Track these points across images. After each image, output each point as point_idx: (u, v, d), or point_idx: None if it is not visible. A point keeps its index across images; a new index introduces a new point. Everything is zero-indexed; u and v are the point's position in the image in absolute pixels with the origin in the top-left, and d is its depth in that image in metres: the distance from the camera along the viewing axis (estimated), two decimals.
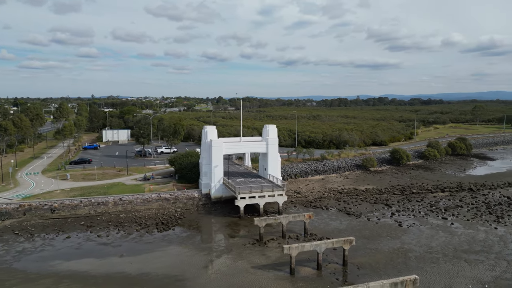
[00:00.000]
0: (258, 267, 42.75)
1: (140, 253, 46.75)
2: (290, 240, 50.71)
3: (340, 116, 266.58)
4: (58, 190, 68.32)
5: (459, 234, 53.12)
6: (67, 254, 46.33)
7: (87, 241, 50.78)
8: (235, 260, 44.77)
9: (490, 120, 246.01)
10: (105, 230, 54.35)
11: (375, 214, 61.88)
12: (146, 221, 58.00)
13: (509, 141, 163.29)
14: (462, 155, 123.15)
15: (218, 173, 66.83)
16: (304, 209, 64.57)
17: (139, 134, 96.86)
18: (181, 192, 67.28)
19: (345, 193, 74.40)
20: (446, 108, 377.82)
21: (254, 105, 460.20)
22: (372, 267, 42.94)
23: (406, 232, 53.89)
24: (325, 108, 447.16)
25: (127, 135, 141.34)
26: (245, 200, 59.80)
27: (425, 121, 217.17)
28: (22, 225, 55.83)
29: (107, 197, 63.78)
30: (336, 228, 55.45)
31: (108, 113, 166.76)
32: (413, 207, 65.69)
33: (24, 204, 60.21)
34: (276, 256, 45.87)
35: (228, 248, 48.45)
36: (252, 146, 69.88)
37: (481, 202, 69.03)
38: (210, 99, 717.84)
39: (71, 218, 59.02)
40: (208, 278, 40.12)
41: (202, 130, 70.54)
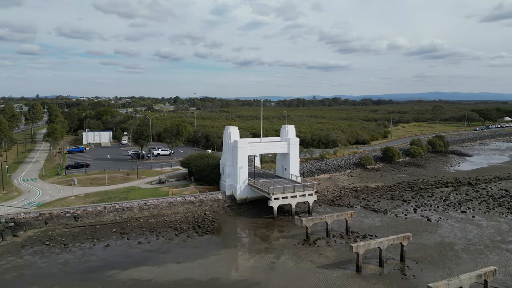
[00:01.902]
0: (323, 267, 43.11)
1: (195, 258, 45.38)
2: (336, 239, 51.53)
3: (309, 116, 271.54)
4: (72, 197, 64.27)
5: (485, 226, 56.73)
6: (118, 263, 43.93)
7: (130, 248, 48.42)
8: (296, 261, 44.79)
9: (447, 119, 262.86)
10: (143, 237, 52.09)
11: (399, 210, 64.38)
12: (180, 225, 56.26)
13: (473, 138, 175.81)
14: (441, 152, 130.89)
15: (243, 174, 66.20)
16: (330, 208, 65.74)
17: (137, 135, 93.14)
18: (205, 195, 65.88)
19: (359, 191, 76.60)
20: (400, 107, 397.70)
21: (215, 105, 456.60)
22: (428, 261, 44.79)
23: (438, 226, 56.66)
24: (288, 108, 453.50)
25: (109, 137, 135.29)
26: (278, 201, 59.81)
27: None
28: (49, 235, 52.02)
29: (132, 202, 61.01)
30: (372, 225, 57.08)
31: (85, 114, 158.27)
32: (429, 202, 69.07)
33: (44, 213, 56.08)
34: (333, 254, 46.45)
35: (280, 249, 48.29)
36: (274, 146, 69.91)
37: (485, 195, 74.01)
38: (166, 99, 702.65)
39: (98, 225, 55.84)
40: (283, 280, 39.86)
41: (224, 131, 69.46)
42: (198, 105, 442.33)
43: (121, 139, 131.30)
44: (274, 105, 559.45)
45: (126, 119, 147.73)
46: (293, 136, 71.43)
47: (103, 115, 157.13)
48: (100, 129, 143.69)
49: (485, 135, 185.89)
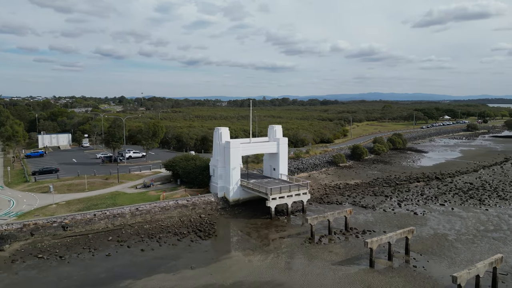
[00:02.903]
0: (337, 263, 44.03)
1: (208, 263, 44.26)
2: (339, 236, 52.82)
3: (266, 116, 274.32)
4: (53, 205, 59.67)
5: (466, 217, 61.13)
6: (128, 273, 41.64)
7: (134, 256, 46.09)
8: (309, 259, 45.30)
9: (395, 118, 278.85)
10: (143, 244, 49.80)
11: (385, 206, 67.37)
12: (178, 230, 54.51)
13: (422, 136, 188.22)
14: (400, 149, 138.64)
15: (236, 175, 65.60)
16: (321, 206, 67.17)
17: (109, 137, 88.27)
18: (197, 198, 64.34)
19: (342, 188, 79.03)
20: (348, 107, 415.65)
21: (166, 105, 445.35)
22: (430, 252, 47.41)
23: (426, 219, 60.10)
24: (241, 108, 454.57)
25: (68, 140, 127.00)
26: (276, 201, 60.04)
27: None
28: (38, 247, 47.95)
29: (123, 208, 57.97)
30: (367, 221, 59.19)
31: (37, 115, 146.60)
32: (409, 197, 72.99)
33: (29, 223, 51.53)
34: (342, 251, 47.60)
35: (289, 248, 48.54)
36: (264, 146, 69.93)
37: (454, 188, 79.68)
38: (110, 99, 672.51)
39: (91, 234, 52.42)
40: (305, 279, 40.14)
41: (215, 132, 68.23)
42: (148, 105, 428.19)
43: (82, 142, 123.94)
44: (225, 105, 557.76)
45: (85, 120, 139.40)
46: (282, 136, 72.04)
47: (57, 116, 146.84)
48: (56, 131, 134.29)
49: (432, 133, 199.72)
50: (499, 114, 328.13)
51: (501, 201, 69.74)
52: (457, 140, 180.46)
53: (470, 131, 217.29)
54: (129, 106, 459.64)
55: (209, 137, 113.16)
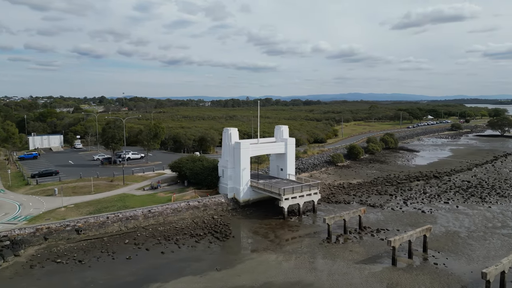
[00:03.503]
0: (360, 262, 44.59)
1: (232, 265, 44.12)
2: (354, 235, 53.46)
3: (254, 116, 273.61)
4: (62, 208, 58.25)
5: (472, 214, 62.84)
6: (155, 276, 41.11)
7: (156, 259, 45.49)
8: (332, 258, 45.68)
9: (380, 118, 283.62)
10: (162, 246, 49.20)
11: (392, 204, 68.53)
12: (194, 231, 54.08)
13: (410, 135, 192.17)
14: (393, 148, 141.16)
15: (246, 176, 65.52)
16: (330, 206, 67.80)
17: (109, 139, 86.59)
18: (208, 199, 63.97)
19: (347, 188, 79.96)
20: (332, 108, 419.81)
21: (149, 106, 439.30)
22: (447, 250, 48.54)
23: (434, 217, 61.48)
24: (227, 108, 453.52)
25: (60, 141, 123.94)
26: (288, 201, 60.29)
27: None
28: (54, 252, 46.76)
29: (135, 210, 57.11)
30: (378, 220, 60.09)
31: (27, 116, 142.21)
32: (412, 195, 74.47)
33: (42, 228, 50.18)
34: (362, 250, 48.18)
35: (309, 248, 48.81)
36: (273, 147, 70.05)
37: (454, 187, 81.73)
38: (89, 99, 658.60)
39: (106, 238, 51.45)
40: (332, 279, 40.49)
41: (224, 133, 67.93)
42: (130, 106, 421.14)
43: (74, 143, 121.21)
44: (209, 105, 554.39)
45: (76, 121, 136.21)
46: (289, 137, 72.36)
47: (47, 117, 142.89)
48: (46, 132, 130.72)
49: (419, 132, 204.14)
50: (479, 114, 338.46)
51: (501, 199, 71.96)
52: (444, 139, 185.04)
53: (454, 131, 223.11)
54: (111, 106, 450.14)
55: (207, 137, 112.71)
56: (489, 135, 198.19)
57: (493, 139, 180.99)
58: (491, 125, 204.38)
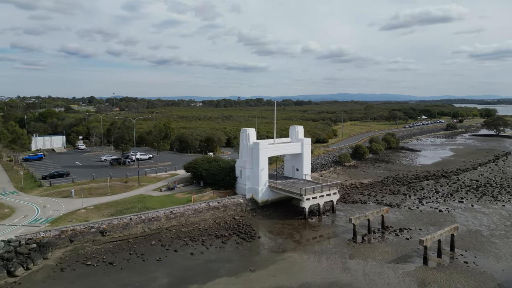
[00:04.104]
0: (392, 262, 44.80)
1: (265, 265, 43.96)
2: (378, 234, 53.75)
3: (250, 116, 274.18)
4: (82, 210, 57.40)
5: (489, 213, 63.68)
6: (191, 277, 40.76)
7: (187, 260, 45.14)
8: (363, 258, 45.82)
9: (375, 118, 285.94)
10: (189, 247, 48.80)
11: (408, 204, 69.03)
12: (218, 232, 53.80)
13: (408, 135, 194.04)
14: (394, 148, 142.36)
15: (264, 176, 65.42)
16: (347, 206, 68.02)
17: (118, 139, 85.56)
18: (227, 199, 63.70)
19: (360, 188, 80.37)
20: (325, 108, 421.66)
21: (141, 106, 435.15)
22: (472, 248, 49.08)
23: (452, 216, 62.14)
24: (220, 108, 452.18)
25: (62, 142, 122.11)
26: (309, 201, 60.35)
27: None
28: (82, 254, 46.05)
29: (158, 211, 56.55)
30: (398, 219, 60.47)
31: (27, 116, 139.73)
32: (426, 195, 75.16)
33: (67, 230, 49.36)
34: (390, 250, 48.41)
35: (338, 248, 48.89)
36: (289, 147, 70.03)
37: (464, 186, 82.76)
38: (78, 99, 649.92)
39: (131, 239, 50.84)
40: (368, 279, 40.58)
41: (241, 133, 67.66)
42: (122, 106, 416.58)
43: (78, 144, 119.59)
44: (201, 105, 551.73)
45: (77, 122, 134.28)
46: (302, 136, 72.46)
47: (47, 117, 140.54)
48: (47, 133, 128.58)
49: (416, 132, 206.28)
50: (471, 114, 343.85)
51: None
52: (442, 139, 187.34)
53: (450, 130, 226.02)
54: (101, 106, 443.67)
55: (213, 138, 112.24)
56: (485, 135, 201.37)
57: (489, 139, 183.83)
58: (487, 124, 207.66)
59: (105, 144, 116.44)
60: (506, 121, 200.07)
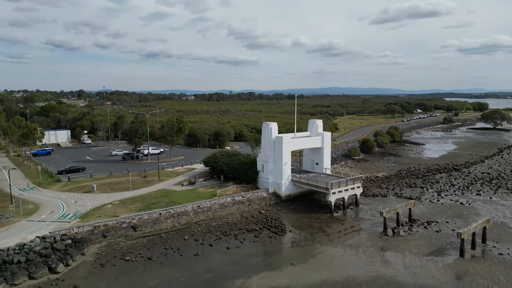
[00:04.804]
0: (429, 254, 45.16)
1: (304, 259, 44.02)
2: (408, 227, 54.17)
3: (248, 110, 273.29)
4: (109, 205, 56.68)
5: (509, 205, 64.67)
6: (233, 272, 40.63)
7: (224, 255, 44.96)
8: (400, 251, 46.12)
9: (371, 112, 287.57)
10: (223, 241, 48.59)
11: (427, 197, 69.65)
12: (249, 226, 53.66)
13: (408, 129, 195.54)
14: (398, 141, 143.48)
15: (287, 170, 65.38)
16: (369, 199, 68.31)
17: (132, 134, 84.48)
18: (251, 193, 63.53)
19: (376, 181, 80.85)
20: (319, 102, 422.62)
21: (133, 99, 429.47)
22: (503, 240, 49.77)
23: (474, 208, 62.94)
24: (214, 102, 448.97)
25: (67, 136, 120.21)
26: (335, 195, 60.51)
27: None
28: (118, 250, 45.53)
29: (186, 206, 56.15)
30: (423, 212, 60.98)
31: (29, 110, 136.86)
32: (442, 187, 75.95)
33: (99, 225, 48.71)
34: (423, 242, 48.70)
35: (372, 242, 49.10)
36: (310, 141, 69.96)
37: (477, 178, 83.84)
38: (67, 93, 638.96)
39: (163, 234, 50.41)
40: (411, 272, 40.87)
41: (264, 127, 67.34)
42: (113, 100, 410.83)
43: (83, 139, 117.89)
44: (193, 99, 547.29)
45: (81, 116, 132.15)
46: (322, 130, 72.49)
47: (49, 111, 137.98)
48: (50, 127, 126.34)
49: (415, 126, 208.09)
50: (464, 108, 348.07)
51: None
52: (441, 132, 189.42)
53: (447, 124, 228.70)
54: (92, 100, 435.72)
55: (223, 132, 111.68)
56: (482, 128, 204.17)
57: (487, 132, 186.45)
58: (484, 118, 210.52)
59: (112, 138, 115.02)
60: (503, 115, 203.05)
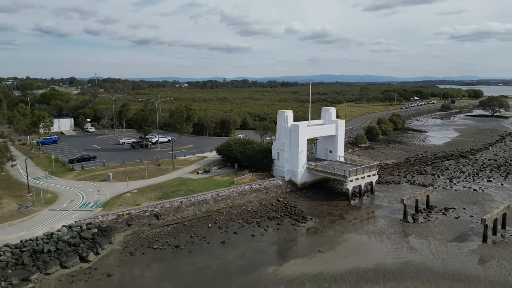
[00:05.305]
0: (452, 241, 45.79)
1: (331, 246, 44.43)
2: (426, 214, 54.78)
3: (246, 98, 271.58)
4: (128, 193, 56.42)
5: None
6: (263, 259, 40.92)
7: (250, 242, 45.22)
8: (424, 238, 46.64)
9: (370, 99, 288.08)
10: (246, 229, 48.80)
11: (440, 184, 70.33)
12: (270, 214, 53.89)
13: (408, 116, 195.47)
14: (401, 129, 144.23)
15: (303, 158, 65.46)
16: (383, 186, 68.77)
17: (141, 121, 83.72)
18: (267, 181, 63.64)
19: (387, 169, 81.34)
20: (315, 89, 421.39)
21: (127, 87, 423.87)
22: None
23: (488, 195, 63.74)
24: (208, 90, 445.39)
25: (71, 125, 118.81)
26: (352, 183, 60.81)
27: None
28: (144, 238, 45.50)
29: (205, 194, 56.11)
30: (438, 199, 61.54)
31: (30, 98, 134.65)
32: (453, 174, 76.76)
33: (122, 214, 48.55)
34: (444, 229, 49.26)
35: (394, 229, 49.53)
36: (324, 129, 69.90)
37: (485, 165, 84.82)
38: (57, 80, 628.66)
39: (186, 222, 50.44)
40: (439, 258, 41.39)
41: (279, 115, 67.06)
42: (106, 87, 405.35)
43: (87, 127, 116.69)
44: (186, 87, 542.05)
45: (83, 104, 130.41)
46: (335, 118, 72.49)
47: (50, 99, 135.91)
48: (53, 115, 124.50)
49: (414, 113, 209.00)
50: (459, 95, 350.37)
51: None
52: (440, 119, 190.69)
53: (445, 111, 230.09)
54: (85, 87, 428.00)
55: (229, 120, 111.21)
56: (480, 115, 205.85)
57: (486, 119, 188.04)
58: (482, 105, 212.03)
59: (117, 126, 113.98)
60: (502, 102, 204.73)
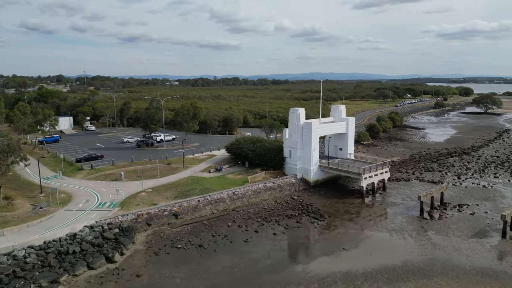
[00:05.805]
0: (472, 237, 46.29)
1: (355, 244, 44.57)
2: (441, 210, 55.29)
3: (241, 96, 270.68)
4: (143, 192, 55.75)
5: None
6: (290, 257, 41.03)
7: (272, 240, 45.17)
8: (444, 235, 47.03)
9: (363, 97, 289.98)
10: (266, 227, 48.65)
11: (449, 180, 71.05)
12: (287, 212, 53.81)
13: (403, 114, 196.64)
14: (399, 126, 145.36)
15: (316, 156, 65.50)
16: (394, 184, 69.11)
17: (147, 120, 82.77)
18: (281, 180, 63.54)
19: (393, 166, 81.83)
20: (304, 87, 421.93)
21: (117, 85, 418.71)
22: None
23: (498, 191, 64.59)
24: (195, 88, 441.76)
25: (70, 123, 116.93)
26: (366, 180, 61.06)
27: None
28: (166, 237, 45.06)
29: (222, 192, 55.77)
30: (450, 196, 62.00)
31: (27, 96, 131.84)
32: (460, 171, 77.64)
33: (142, 213, 47.97)
34: (462, 225, 49.79)
35: (413, 226, 49.84)
36: (335, 127, 70.00)
37: (489, 162, 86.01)
38: (45, 78, 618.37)
39: (205, 221, 50.07)
40: (465, 254, 41.86)
41: (291, 113, 66.92)
42: (96, 85, 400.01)
43: (87, 125, 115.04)
44: (177, 85, 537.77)
45: (81, 102, 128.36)
46: (345, 116, 72.66)
47: (47, 97, 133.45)
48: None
49: (409, 111, 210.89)
50: (450, 92, 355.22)
51: None
52: (435, 117, 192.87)
53: (438, 108, 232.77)
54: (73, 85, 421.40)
55: (232, 118, 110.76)
56: (474, 113, 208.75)
57: (480, 116, 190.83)
58: (476, 102, 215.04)
59: (118, 125, 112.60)
60: (495, 99, 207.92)
